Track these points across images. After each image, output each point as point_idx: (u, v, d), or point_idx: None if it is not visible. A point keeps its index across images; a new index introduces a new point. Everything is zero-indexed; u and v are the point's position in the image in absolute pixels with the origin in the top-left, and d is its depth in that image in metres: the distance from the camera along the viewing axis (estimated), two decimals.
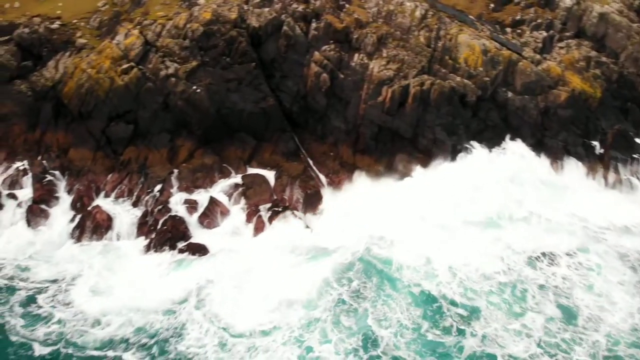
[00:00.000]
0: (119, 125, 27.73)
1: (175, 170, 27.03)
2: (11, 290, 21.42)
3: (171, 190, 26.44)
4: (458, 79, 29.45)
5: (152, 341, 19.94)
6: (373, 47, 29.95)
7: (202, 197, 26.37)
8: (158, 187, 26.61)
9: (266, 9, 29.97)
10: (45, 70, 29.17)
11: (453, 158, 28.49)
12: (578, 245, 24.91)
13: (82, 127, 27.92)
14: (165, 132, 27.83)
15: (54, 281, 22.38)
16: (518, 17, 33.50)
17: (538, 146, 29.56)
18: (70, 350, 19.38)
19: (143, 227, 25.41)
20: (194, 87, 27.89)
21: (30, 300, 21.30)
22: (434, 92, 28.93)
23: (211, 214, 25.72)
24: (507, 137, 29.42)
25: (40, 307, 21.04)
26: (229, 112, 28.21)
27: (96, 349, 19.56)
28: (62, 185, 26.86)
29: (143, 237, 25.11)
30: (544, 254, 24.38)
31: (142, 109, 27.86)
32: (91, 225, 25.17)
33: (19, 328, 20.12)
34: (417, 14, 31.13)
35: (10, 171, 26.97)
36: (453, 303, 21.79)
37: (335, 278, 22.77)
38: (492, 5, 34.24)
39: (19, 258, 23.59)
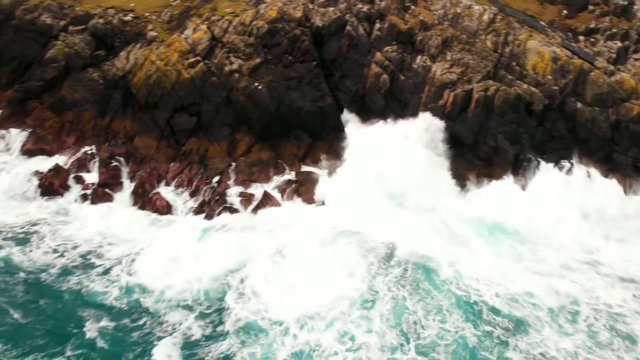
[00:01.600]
0: (182, 117, 28.22)
1: (233, 164, 27.28)
2: (88, 265, 22.13)
3: (228, 183, 26.69)
4: (525, 86, 28.11)
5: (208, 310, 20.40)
6: (437, 50, 29.09)
7: (257, 191, 26.42)
8: (216, 178, 26.93)
9: (331, 9, 29.73)
10: (117, 60, 30.05)
11: (515, 168, 27.24)
12: None
13: (148, 116, 28.58)
14: (226, 126, 28.12)
15: (123, 255, 22.97)
16: (592, 26, 31.60)
17: (606, 162, 27.81)
18: (141, 316, 19.99)
19: (199, 215, 25.72)
20: (256, 84, 28.01)
21: (106, 272, 22.01)
22: (498, 99, 27.76)
23: (264, 208, 25.71)
24: (574, 150, 27.84)
25: (114, 276, 21.76)
26: (287, 110, 28.20)
27: (162, 313, 20.09)
28: (125, 171, 27.44)
29: None
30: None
31: (205, 102, 28.25)
32: (151, 211, 25.71)
33: (97, 297, 20.81)
34: (485, 17, 29.97)
35: (79, 154, 27.88)
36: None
37: (380, 273, 22.34)
38: (565, 11, 32.51)
39: (89, 237, 24.19)
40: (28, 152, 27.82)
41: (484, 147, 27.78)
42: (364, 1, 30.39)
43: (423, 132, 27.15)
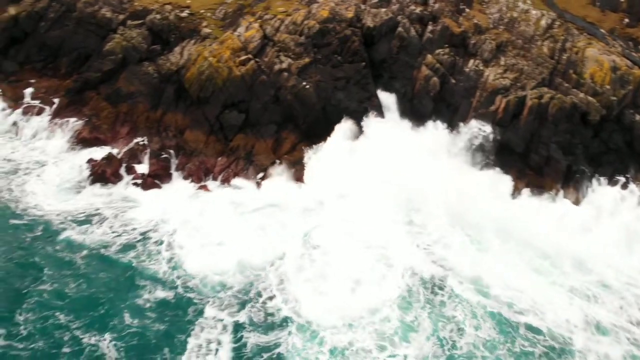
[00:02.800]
0: (231, 113, 28.27)
1: (278, 161, 27.07)
2: (143, 243, 22.75)
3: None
4: (581, 95, 26.67)
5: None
6: (490, 54, 28.01)
7: None
8: (260, 174, 26.83)
9: (383, 10, 29.10)
10: (172, 55, 30.38)
11: (566, 180, 25.91)
12: None
13: (198, 111, 28.77)
14: (273, 123, 27.99)
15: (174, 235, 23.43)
16: None
17: None
18: (186, 292, 20.37)
19: None
20: (304, 83, 27.74)
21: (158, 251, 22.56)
22: (552, 107, 26.44)
23: None
24: (631, 164, 26.19)
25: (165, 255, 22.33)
26: (333, 110, 27.77)
27: (206, 293, 20.39)
28: (174, 164, 27.72)
29: None
30: None
31: (254, 100, 28.19)
32: None
33: (149, 271, 21.37)
34: (543, 23, 28.64)
35: (131, 145, 28.32)
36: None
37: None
38: (626, 20, 30.75)
39: (144, 219, 24.65)
40: (83, 140, 28.48)
41: (535, 156, 26.54)
42: (417, 3, 29.61)
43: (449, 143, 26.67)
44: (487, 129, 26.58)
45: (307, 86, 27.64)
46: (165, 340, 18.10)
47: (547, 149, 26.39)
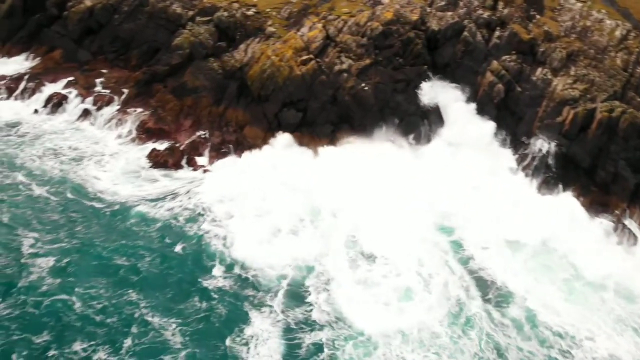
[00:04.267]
0: (290, 112, 28.02)
1: None
2: (206, 219, 23.00)
3: None
4: None
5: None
6: (560, 63, 26.37)
7: None
8: None
9: (449, 13, 28.00)
10: (236, 52, 30.48)
11: (633, 199, 24.02)
12: None
13: (259, 108, 28.72)
14: (329, 123, 27.52)
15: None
16: None
17: None
18: (243, 280, 20.23)
19: None
20: (363, 85, 27.09)
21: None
22: (623, 122, 24.58)
23: None
24: None
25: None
26: (391, 112, 26.94)
27: (262, 279, 20.21)
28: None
29: None
30: None
31: (313, 99, 27.84)
32: None
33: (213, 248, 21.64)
34: (617, 33, 26.72)
35: (193, 137, 28.53)
36: None
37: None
38: None
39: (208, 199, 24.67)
40: (148, 130, 28.94)
41: (602, 172, 24.76)
42: (485, 7, 28.29)
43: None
44: (552, 141, 25.08)
45: (366, 87, 26.97)
46: (225, 328, 17.94)
47: (615, 165, 24.54)
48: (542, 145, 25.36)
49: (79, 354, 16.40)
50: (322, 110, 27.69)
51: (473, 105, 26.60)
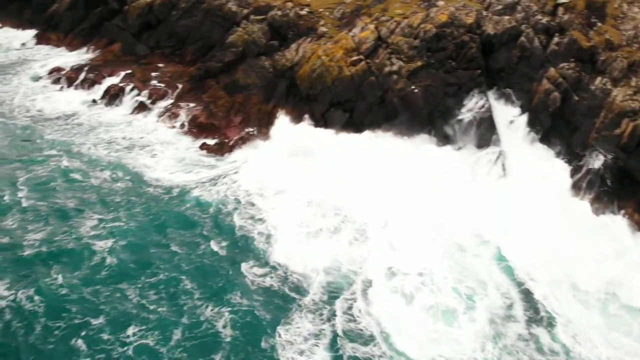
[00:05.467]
0: (337, 112, 27.59)
1: None
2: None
3: None
4: None
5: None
6: (621, 73, 24.76)
7: None
8: None
9: (506, 17, 26.77)
10: (287, 52, 30.29)
11: None
12: None
13: (306, 107, 28.40)
14: (375, 124, 26.83)
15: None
16: None
17: None
18: (286, 278, 19.89)
19: None
20: (412, 87, 26.27)
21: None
22: None
23: None
24: None
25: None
26: (440, 116, 26.01)
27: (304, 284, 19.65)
28: None
29: None
30: None
31: (360, 100, 27.29)
32: None
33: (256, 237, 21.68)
34: None
35: (242, 133, 28.57)
36: None
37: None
38: None
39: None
40: (199, 125, 29.13)
41: None
42: (544, 12, 26.93)
43: None
44: (609, 154, 23.59)
45: (416, 90, 26.17)
46: (269, 327, 17.58)
47: None
48: (597, 157, 23.92)
49: (131, 339, 16.47)
50: (369, 111, 27.11)
51: (525, 115, 25.46)
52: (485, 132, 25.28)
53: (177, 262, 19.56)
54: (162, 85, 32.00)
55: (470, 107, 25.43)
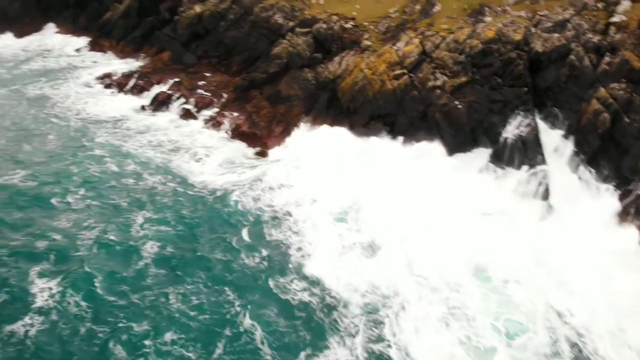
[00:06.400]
0: (377, 125, 27.26)
1: None
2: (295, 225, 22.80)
3: None
4: None
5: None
6: None
7: None
8: None
9: (555, 35, 25.84)
10: (330, 64, 30.22)
11: None
12: None
13: (346, 120, 28.21)
14: (416, 139, 26.25)
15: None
16: None
17: None
18: (323, 297, 19.33)
19: None
20: (456, 102, 25.66)
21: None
22: None
23: None
24: None
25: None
26: (483, 133, 25.27)
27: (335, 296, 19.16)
28: None
29: None
30: None
31: (401, 114, 26.88)
32: None
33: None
34: None
35: (283, 143, 28.31)
36: None
37: None
38: None
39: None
40: (242, 133, 29.36)
41: None
42: (595, 31, 25.90)
43: None
44: None
45: (459, 106, 25.57)
46: (308, 347, 17.00)
47: None
48: None
49: (172, 348, 16.33)
50: (410, 125, 26.63)
51: (573, 136, 24.46)
52: (530, 151, 24.37)
53: (220, 271, 19.43)
54: (208, 94, 32.47)
55: (516, 125, 24.67)
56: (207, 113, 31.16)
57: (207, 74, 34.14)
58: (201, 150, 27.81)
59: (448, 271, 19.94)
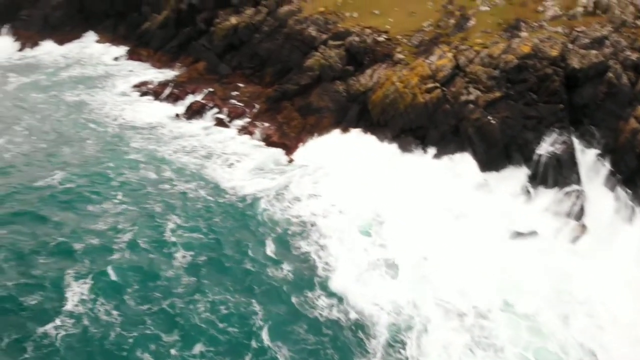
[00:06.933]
0: (407, 138, 26.96)
1: None
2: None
3: None
4: None
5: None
6: None
7: None
8: None
9: (593, 52, 25.18)
10: (362, 77, 30.13)
11: None
12: None
13: (376, 132, 28.02)
14: (448, 153, 25.83)
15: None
16: None
17: None
18: (349, 319, 18.93)
19: None
20: (489, 117, 25.15)
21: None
22: None
23: None
24: None
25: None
26: (517, 149, 24.67)
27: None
28: None
29: None
30: None
31: (433, 128, 26.52)
32: None
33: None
34: None
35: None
36: None
37: None
38: None
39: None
40: (272, 143, 29.50)
41: None
42: (634, 48, 25.13)
43: None
44: None
45: (492, 121, 25.05)
46: None
47: None
48: None
49: (199, 358, 16.26)
50: (442, 139, 26.24)
51: (609, 155, 23.64)
52: (565, 170, 23.68)
53: (249, 283, 19.34)
54: (241, 104, 32.77)
55: (550, 142, 24.02)
56: (239, 123, 31.42)
57: (241, 85, 34.46)
58: (233, 156, 28.19)
59: (474, 294, 19.19)
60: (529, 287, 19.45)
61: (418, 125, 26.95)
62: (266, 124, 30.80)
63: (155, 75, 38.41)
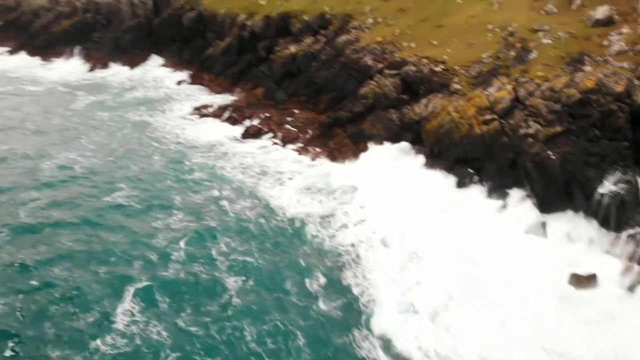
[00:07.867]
0: (462, 170, 26.26)
1: None
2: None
3: None
4: None
5: None
6: None
7: None
8: None
9: None
10: (416, 106, 29.78)
11: None
12: None
13: (430, 162, 27.46)
14: (504, 187, 24.93)
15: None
16: None
17: None
18: None
19: None
20: (549, 152, 24.08)
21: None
22: None
23: None
24: None
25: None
26: (579, 187, 23.43)
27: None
28: None
29: None
30: None
31: (489, 161, 25.70)
32: None
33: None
34: None
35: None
36: None
37: None
38: None
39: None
40: (322, 164, 29.53)
41: None
42: None
43: None
44: None
45: (553, 156, 23.97)
46: None
47: None
48: None
49: None
50: (498, 172, 25.34)
51: None
52: (629, 210, 22.18)
53: (295, 315, 18.87)
54: (295, 129, 33.19)
55: (613, 181, 22.65)
56: (292, 147, 31.80)
57: (296, 111, 34.90)
58: (285, 175, 28.87)
59: (522, 357, 17.46)
60: (585, 347, 17.57)
61: (473, 157, 26.20)
62: (318, 149, 30.97)
63: (215, 99, 39.63)
